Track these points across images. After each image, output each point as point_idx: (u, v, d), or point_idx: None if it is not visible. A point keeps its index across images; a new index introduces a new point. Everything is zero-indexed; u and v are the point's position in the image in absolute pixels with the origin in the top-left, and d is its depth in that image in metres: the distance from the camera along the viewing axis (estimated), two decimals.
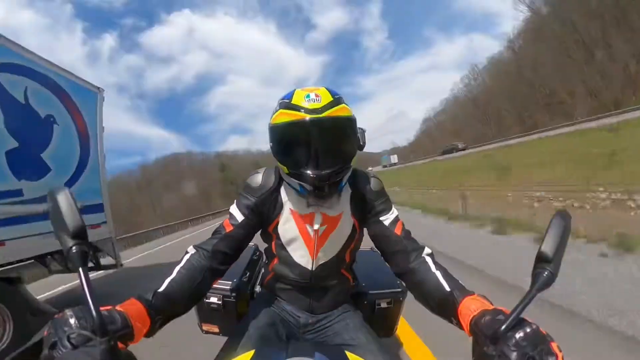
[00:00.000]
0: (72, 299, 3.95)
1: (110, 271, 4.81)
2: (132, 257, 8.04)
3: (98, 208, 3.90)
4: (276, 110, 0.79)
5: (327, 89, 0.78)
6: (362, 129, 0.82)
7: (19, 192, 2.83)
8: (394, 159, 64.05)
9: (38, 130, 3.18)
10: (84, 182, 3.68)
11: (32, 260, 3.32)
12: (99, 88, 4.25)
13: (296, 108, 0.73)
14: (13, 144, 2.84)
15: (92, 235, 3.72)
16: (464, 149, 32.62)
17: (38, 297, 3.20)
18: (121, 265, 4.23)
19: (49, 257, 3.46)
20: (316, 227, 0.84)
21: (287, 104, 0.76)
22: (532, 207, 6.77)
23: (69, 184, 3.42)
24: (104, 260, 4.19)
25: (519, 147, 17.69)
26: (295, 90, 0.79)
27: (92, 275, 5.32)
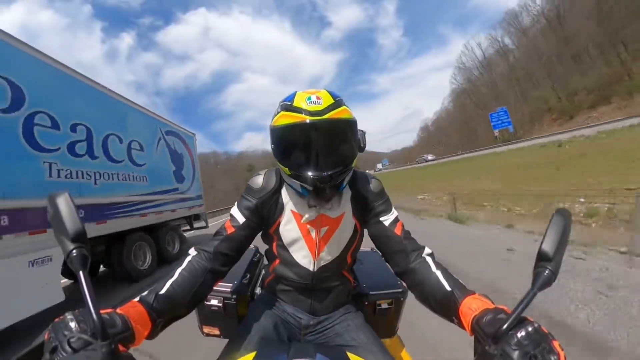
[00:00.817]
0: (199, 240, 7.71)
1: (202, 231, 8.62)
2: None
3: (200, 197, 7.70)
4: (277, 112, 0.79)
5: (328, 91, 0.79)
6: (362, 131, 0.82)
7: (177, 189, 6.54)
8: (382, 164, 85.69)
9: (179, 161, 6.87)
10: (195, 184, 7.44)
11: (184, 220, 7.15)
12: (194, 134, 7.95)
13: (297, 110, 0.74)
14: (173, 167, 6.53)
15: (197, 210, 7.48)
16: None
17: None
18: (207, 226, 7.97)
19: (189, 218, 7.35)
20: (317, 228, 0.84)
21: (288, 106, 0.76)
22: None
23: (190, 184, 7.13)
24: (197, 224, 7.95)
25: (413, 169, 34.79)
26: (296, 92, 0.79)
27: (190, 233, 9.18)
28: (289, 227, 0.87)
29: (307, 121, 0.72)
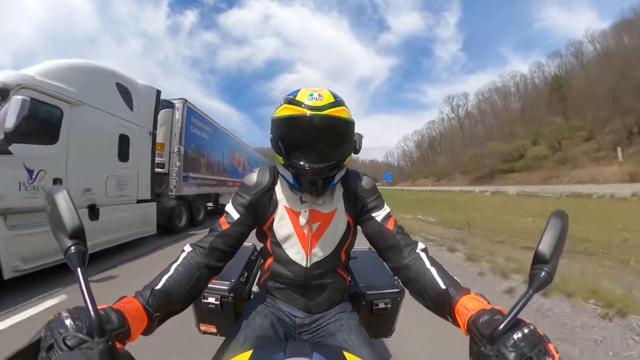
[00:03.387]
0: None
1: None
2: None
3: None
4: (280, 105, 0.82)
5: (330, 91, 0.82)
6: (359, 134, 0.85)
7: None
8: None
9: (255, 164, 19.54)
10: None
11: None
12: (267, 159, 21.23)
13: (299, 104, 0.77)
14: (250, 164, 18.95)
15: None
16: None
17: None
18: None
19: None
20: (305, 221, 0.85)
21: (291, 99, 0.80)
22: None
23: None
24: None
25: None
26: (300, 89, 0.83)
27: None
28: (282, 223, 0.87)
29: (307, 114, 0.76)
